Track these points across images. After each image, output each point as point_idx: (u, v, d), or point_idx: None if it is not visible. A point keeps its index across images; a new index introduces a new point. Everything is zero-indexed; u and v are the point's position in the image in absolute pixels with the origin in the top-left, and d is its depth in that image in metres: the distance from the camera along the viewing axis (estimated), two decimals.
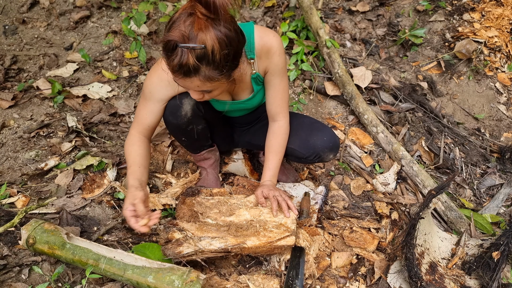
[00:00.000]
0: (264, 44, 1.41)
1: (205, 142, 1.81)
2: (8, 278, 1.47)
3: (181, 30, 1.08)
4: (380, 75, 2.78)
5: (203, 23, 1.08)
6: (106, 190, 1.89)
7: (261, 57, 1.44)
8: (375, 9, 3.16)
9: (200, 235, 1.48)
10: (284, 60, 1.48)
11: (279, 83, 1.52)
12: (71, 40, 2.80)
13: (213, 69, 1.16)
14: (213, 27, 1.09)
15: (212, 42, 1.09)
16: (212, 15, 1.09)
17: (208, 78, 1.17)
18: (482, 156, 2.43)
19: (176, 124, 1.60)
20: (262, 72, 1.49)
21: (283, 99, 1.56)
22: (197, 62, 1.11)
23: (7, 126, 2.19)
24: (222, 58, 1.13)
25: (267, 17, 3.07)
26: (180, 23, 1.09)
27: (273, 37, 1.42)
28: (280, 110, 1.58)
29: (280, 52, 1.44)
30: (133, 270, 1.35)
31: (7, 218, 1.65)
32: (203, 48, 1.09)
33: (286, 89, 1.56)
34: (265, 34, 1.41)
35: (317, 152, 1.65)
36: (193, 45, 1.08)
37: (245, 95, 1.58)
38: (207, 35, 1.08)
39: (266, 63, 1.45)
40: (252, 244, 1.45)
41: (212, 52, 1.10)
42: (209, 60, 1.12)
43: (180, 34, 1.08)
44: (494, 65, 2.89)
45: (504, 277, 1.63)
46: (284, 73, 1.51)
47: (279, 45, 1.43)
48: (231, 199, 1.66)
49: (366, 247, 1.73)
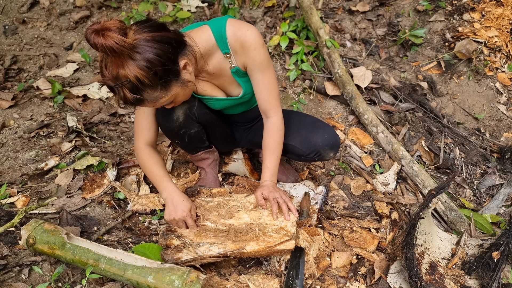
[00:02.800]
0: (237, 39, 1.39)
1: (201, 144, 1.81)
2: (8, 278, 1.47)
3: (107, 73, 1.15)
4: (380, 75, 2.78)
5: (118, 60, 1.13)
6: (106, 190, 1.89)
7: (237, 52, 1.43)
8: (375, 9, 3.16)
9: (198, 241, 1.48)
10: (263, 54, 1.43)
11: (262, 78, 1.48)
12: (71, 40, 2.80)
13: (151, 91, 1.21)
14: (130, 58, 1.13)
15: (133, 72, 1.13)
16: (115, 55, 1.11)
17: (154, 98, 1.24)
18: (482, 156, 2.43)
19: (168, 127, 1.61)
20: (241, 66, 1.47)
21: (270, 94, 1.52)
22: (133, 94, 1.17)
23: (7, 126, 2.19)
24: (153, 79, 1.17)
25: (267, 17, 3.07)
26: (104, 66, 1.16)
27: (247, 31, 1.38)
28: (269, 106, 1.55)
29: (256, 46, 1.40)
30: (133, 270, 1.35)
31: (7, 218, 1.65)
32: (129, 82, 1.14)
33: (271, 83, 1.51)
34: (238, 29, 1.39)
35: (317, 150, 1.65)
36: (120, 82, 1.14)
37: (234, 89, 1.58)
38: (125, 69, 1.13)
39: (243, 58, 1.44)
40: (251, 249, 1.45)
41: (138, 80, 1.15)
42: (141, 87, 1.17)
43: (108, 77, 1.16)
44: (494, 65, 2.89)
45: (504, 277, 1.63)
46: (266, 67, 1.46)
47: (255, 39, 1.39)
48: (230, 201, 1.66)
49: (366, 247, 1.73)
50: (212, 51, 1.42)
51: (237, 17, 2.98)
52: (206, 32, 1.40)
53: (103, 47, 1.07)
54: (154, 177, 1.60)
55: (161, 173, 1.59)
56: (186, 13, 2.92)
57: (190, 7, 3.05)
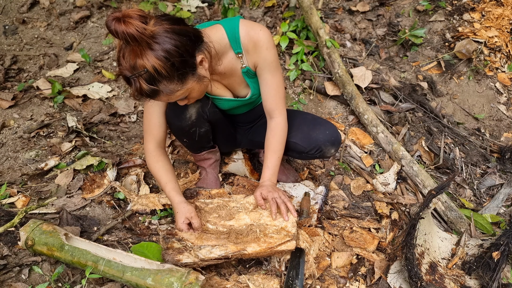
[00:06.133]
0: (251, 38, 1.40)
1: (207, 143, 1.82)
2: (8, 278, 1.47)
3: (125, 62, 1.15)
4: (380, 75, 2.78)
5: (137, 49, 1.12)
6: (106, 190, 1.89)
7: (249, 51, 1.43)
8: (375, 9, 3.16)
9: (200, 244, 1.48)
10: (274, 54, 1.45)
11: (270, 79, 1.50)
12: (71, 40, 2.80)
13: (168, 83, 1.20)
14: (148, 48, 1.12)
15: (151, 62, 1.12)
16: (135, 43, 1.11)
17: (170, 91, 1.23)
18: (482, 156, 2.43)
19: (180, 126, 1.60)
20: (252, 66, 1.48)
21: (277, 95, 1.54)
22: (150, 85, 1.16)
23: (7, 126, 2.19)
24: (170, 70, 1.16)
25: (267, 17, 3.07)
26: (122, 56, 1.15)
27: (260, 30, 1.40)
28: (275, 107, 1.56)
29: (268, 46, 1.42)
30: (132, 272, 1.35)
31: (7, 218, 1.65)
32: (146, 72, 1.13)
33: (279, 84, 1.53)
34: (251, 28, 1.40)
35: (319, 146, 1.65)
36: (137, 72, 1.13)
37: (242, 89, 1.59)
38: (143, 58, 1.12)
39: (255, 57, 1.45)
40: (252, 251, 1.45)
41: (155, 70, 1.14)
42: (158, 78, 1.16)
43: (125, 66, 1.15)
44: (494, 65, 2.89)
45: (504, 277, 1.63)
46: (275, 68, 1.49)
47: (267, 39, 1.41)
48: (230, 202, 1.66)
49: (366, 247, 1.73)
50: (225, 50, 1.43)
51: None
52: (219, 31, 1.41)
53: (123, 34, 1.06)
54: (159, 182, 1.61)
55: (163, 181, 1.58)
56: (186, 13, 2.92)
57: (190, 7, 3.05)
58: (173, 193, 1.56)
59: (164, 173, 1.58)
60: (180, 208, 1.54)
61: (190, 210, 1.54)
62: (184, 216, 1.53)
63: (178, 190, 1.59)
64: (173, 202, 1.57)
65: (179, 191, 1.59)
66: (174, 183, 1.59)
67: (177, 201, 1.55)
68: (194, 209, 1.56)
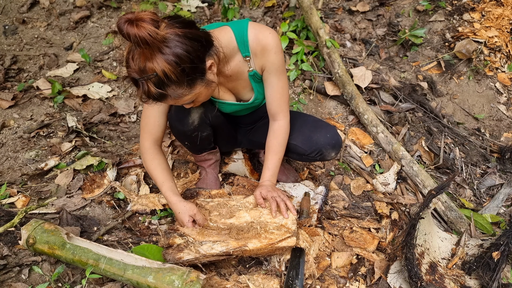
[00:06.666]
0: (259, 42, 1.40)
1: (208, 145, 1.82)
2: (8, 278, 1.47)
3: (134, 65, 1.13)
4: (380, 75, 2.78)
5: (147, 52, 1.11)
6: (106, 190, 1.89)
7: (257, 55, 1.43)
8: (375, 9, 3.16)
9: (201, 240, 1.48)
10: (281, 58, 1.46)
11: (277, 82, 1.50)
12: (71, 40, 2.80)
13: (176, 87, 1.19)
14: (159, 52, 1.11)
15: (161, 66, 1.11)
16: (146, 46, 1.09)
17: (178, 95, 1.22)
18: (482, 156, 2.43)
19: (182, 130, 1.60)
20: (259, 69, 1.48)
21: (282, 98, 1.55)
22: (158, 89, 1.15)
23: (7, 126, 2.19)
24: (179, 75, 1.15)
25: (267, 17, 3.07)
26: (131, 58, 1.14)
27: (269, 34, 1.40)
28: (279, 110, 1.57)
29: (277, 50, 1.42)
30: (133, 270, 1.35)
31: (7, 218, 1.65)
32: (155, 75, 1.12)
33: (285, 87, 1.54)
34: (260, 32, 1.39)
35: (319, 149, 1.65)
36: (146, 75, 1.12)
37: (246, 93, 1.58)
38: (153, 62, 1.11)
39: (263, 60, 1.44)
40: (253, 247, 1.45)
41: (165, 75, 1.12)
42: (167, 82, 1.15)
43: (134, 69, 1.14)
44: (494, 65, 2.89)
45: (504, 277, 1.63)
46: (282, 72, 1.49)
47: (275, 43, 1.41)
48: (230, 201, 1.66)
49: (366, 247, 1.73)
50: (232, 53, 1.42)
51: (237, 18, 2.98)
52: (228, 33, 1.39)
53: (135, 37, 1.05)
54: (155, 181, 1.59)
55: (160, 180, 1.57)
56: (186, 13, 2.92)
57: (190, 7, 3.05)
58: (170, 193, 1.55)
59: (160, 172, 1.57)
60: (180, 207, 1.53)
61: (191, 208, 1.53)
62: (188, 214, 1.52)
63: (174, 189, 1.57)
64: (170, 202, 1.55)
65: (175, 191, 1.57)
66: (170, 182, 1.57)
67: (174, 201, 1.54)
68: (195, 206, 1.56)
